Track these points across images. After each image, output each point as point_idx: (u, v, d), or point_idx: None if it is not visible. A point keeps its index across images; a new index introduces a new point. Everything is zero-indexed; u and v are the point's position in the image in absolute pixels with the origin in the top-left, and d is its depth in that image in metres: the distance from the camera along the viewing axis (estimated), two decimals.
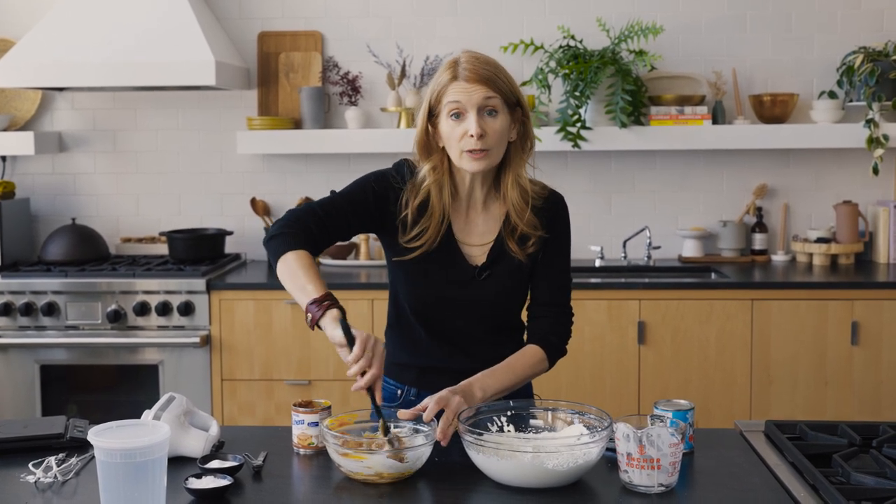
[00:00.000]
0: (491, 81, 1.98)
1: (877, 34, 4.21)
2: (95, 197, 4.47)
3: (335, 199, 2.07)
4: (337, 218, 2.05)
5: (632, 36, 4.03)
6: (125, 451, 1.55)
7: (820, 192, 4.32)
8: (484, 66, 1.99)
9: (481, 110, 1.97)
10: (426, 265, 2.08)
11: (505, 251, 2.09)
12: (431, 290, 2.09)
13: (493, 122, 1.98)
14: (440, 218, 2.06)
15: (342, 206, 2.06)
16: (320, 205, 2.06)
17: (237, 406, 3.84)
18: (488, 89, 1.97)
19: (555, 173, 4.22)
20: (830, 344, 3.72)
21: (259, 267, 4.26)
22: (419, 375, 2.16)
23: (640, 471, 1.70)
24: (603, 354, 3.76)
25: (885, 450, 1.85)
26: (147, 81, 3.92)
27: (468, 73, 1.98)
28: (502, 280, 2.10)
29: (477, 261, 2.10)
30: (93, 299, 3.85)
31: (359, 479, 1.77)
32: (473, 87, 1.97)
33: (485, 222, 2.11)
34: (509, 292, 2.12)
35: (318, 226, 2.03)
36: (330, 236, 2.05)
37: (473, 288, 2.09)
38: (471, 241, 2.11)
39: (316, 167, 4.40)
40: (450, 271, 2.09)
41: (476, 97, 1.96)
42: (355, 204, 2.06)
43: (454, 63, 2.01)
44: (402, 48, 4.28)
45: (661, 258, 4.34)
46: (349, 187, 2.09)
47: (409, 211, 2.05)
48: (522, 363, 2.07)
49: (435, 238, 2.06)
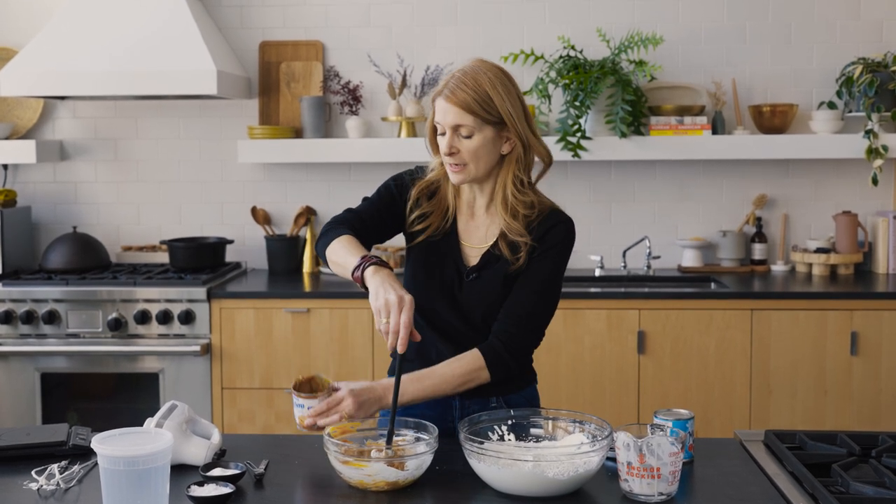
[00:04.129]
0: (466, 105, 2.01)
1: (876, 45, 4.23)
2: (96, 205, 4.48)
3: (367, 204, 2.19)
4: (374, 218, 2.17)
5: (632, 46, 4.05)
6: (128, 459, 1.55)
7: (819, 203, 4.33)
8: (464, 90, 2.01)
9: (454, 131, 2.04)
10: (427, 256, 2.15)
11: (496, 257, 2.12)
12: (427, 281, 2.15)
13: (467, 142, 2.04)
14: (445, 208, 2.15)
15: (375, 207, 2.18)
16: (357, 209, 2.18)
17: (237, 414, 3.84)
18: (462, 112, 2.01)
19: (555, 183, 4.23)
20: (830, 354, 3.72)
21: (259, 275, 4.27)
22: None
23: (640, 480, 1.71)
24: (603, 364, 3.77)
25: (884, 459, 1.86)
26: (148, 90, 3.93)
27: (448, 92, 2.03)
28: (487, 285, 2.12)
29: (470, 262, 2.14)
30: (93, 307, 3.86)
31: (360, 486, 1.78)
32: (448, 109, 2.03)
33: (486, 227, 2.15)
34: (491, 299, 2.12)
35: (360, 224, 2.14)
36: (370, 235, 2.16)
37: (461, 289, 2.13)
38: (471, 242, 2.16)
39: (316, 176, 4.41)
40: (445, 268, 2.14)
41: (449, 119, 2.04)
42: (384, 203, 2.18)
43: (449, 77, 2.06)
44: (403, 58, 4.30)
45: (661, 268, 4.35)
46: (375, 192, 2.21)
47: (418, 194, 2.16)
48: (453, 368, 2.05)
49: (438, 227, 2.14)
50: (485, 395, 2.14)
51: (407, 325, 1.84)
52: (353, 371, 3.79)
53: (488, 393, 2.14)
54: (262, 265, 4.43)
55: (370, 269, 1.93)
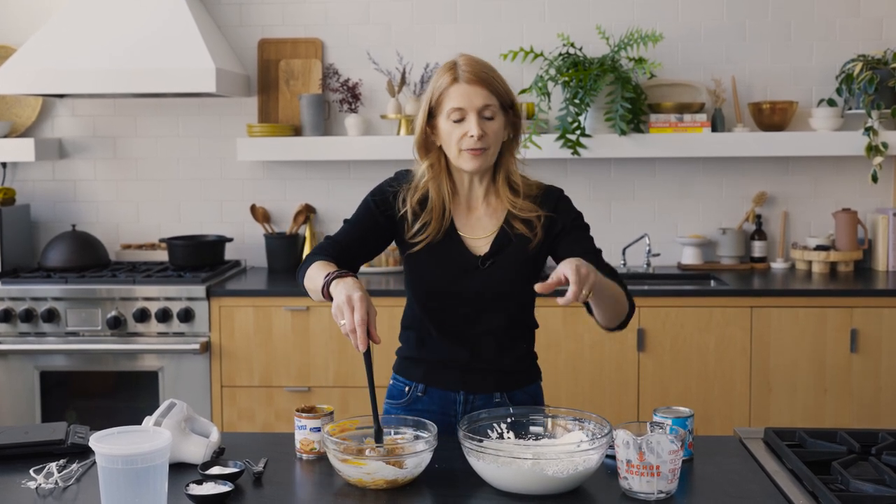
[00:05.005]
0: (489, 84, 2.06)
1: (876, 42, 4.22)
2: (95, 203, 4.47)
3: (348, 227, 2.19)
4: (357, 240, 2.16)
5: (631, 44, 4.04)
6: (126, 458, 1.55)
7: (819, 200, 4.33)
8: (483, 70, 2.07)
9: (481, 113, 2.05)
10: (431, 257, 2.14)
11: (510, 240, 2.13)
12: (437, 281, 2.14)
13: (491, 124, 2.07)
14: (441, 212, 2.13)
15: (356, 229, 2.17)
16: (336, 236, 2.18)
17: (237, 412, 3.84)
18: (488, 93, 2.05)
19: (554, 180, 4.14)
20: (830, 351, 3.72)
21: (259, 273, 4.26)
22: (426, 372, 2.19)
23: (639, 478, 1.71)
24: (602, 361, 3.77)
25: (884, 457, 1.86)
26: (147, 88, 3.93)
27: (469, 75, 2.05)
28: (507, 267, 2.13)
29: (480, 251, 2.14)
30: (93, 306, 3.85)
31: (359, 485, 1.78)
32: (474, 91, 2.04)
33: (487, 217, 2.16)
34: (514, 279, 2.13)
35: (339, 249, 2.13)
36: (354, 257, 2.15)
37: (478, 276, 2.13)
38: (474, 234, 2.16)
39: (316, 174, 4.41)
40: (454, 262, 2.14)
41: (477, 101, 2.04)
42: (364, 222, 2.18)
43: (453, 65, 2.08)
44: (402, 55, 4.29)
45: (661, 265, 4.35)
46: (355, 212, 2.20)
47: (409, 207, 2.14)
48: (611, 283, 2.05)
49: (438, 231, 2.13)
50: (489, 391, 2.16)
51: (361, 322, 1.84)
52: (352, 369, 3.79)
53: (492, 388, 2.16)
54: (262, 263, 4.42)
55: (332, 283, 1.93)
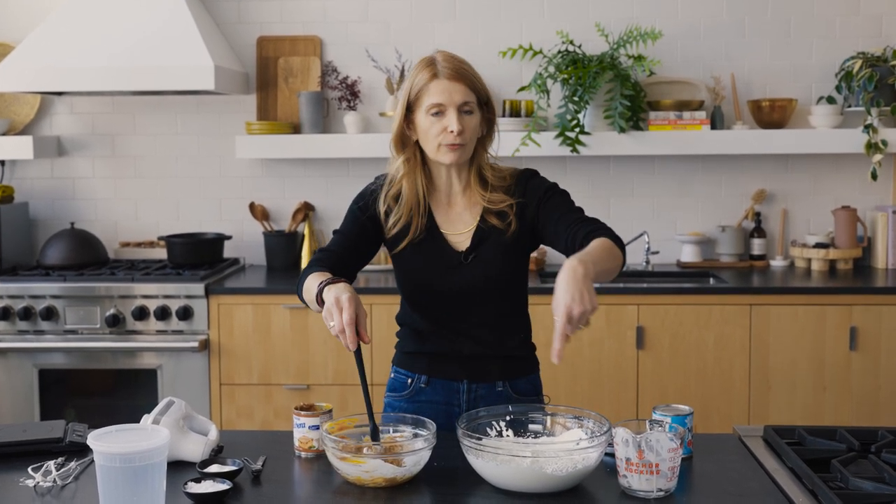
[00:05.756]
0: (469, 81, 2.09)
1: (875, 39, 4.22)
2: (94, 201, 4.47)
3: (339, 237, 2.20)
4: (349, 249, 2.17)
5: (631, 41, 4.03)
6: (124, 456, 1.55)
7: (818, 198, 4.33)
8: (462, 66, 2.10)
9: (460, 108, 2.07)
10: (415, 255, 2.17)
11: (489, 233, 2.15)
12: (422, 277, 2.17)
13: (470, 119, 2.10)
14: (416, 207, 2.15)
15: (347, 238, 2.19)
16: (328, 247, 2.19)
17: (236, 410, 3.84)
18: (468, 89, 2.08)
19: (553, 178, 4.16)
20: (829, 349, 3.72)
21: (258, 271, 4.26)
22: (428, 363, 2.21)
23: (639, 476, 1.70)
24: (601, 359, 3.76)
25: (883, 455, 1.86)
26: (146, 86, 3.92)
27: (449, 71, 2.08)
28: (489, 260, 2.15)
29: (461, 247, 2.16)
30: (91, 304, 3.85)
31: (357, 483, 1.77)
32: (454, 87, 2.07)
33: (466, 212, 2.18)
34: (498, 272, 2.15)
35: (333, 259, 2.13)
36: (349, 266, 2.16)
37: (462, 272, 2.15)
38: (454, 230, 2.18)
39: (315, 172, 4.40)
40: (437, 259, 2.16)
41: (457, 97, 2.07)
42: (353, 230, 2.19)
43: (432, 62, 2.10)
44: (401, 53, 4.28)
45: (660, 263, 4.34)
46: (343, 221, 2.22)
47: (383, 200, 2.16)
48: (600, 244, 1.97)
49: (417, 228, 2.15)
50: (492, 380, 2.18)
51: (350, 322, 1.85)
52: (350, 367, 3.78)
53: (495, 377, 2.18)
54: (261, 261, 4.42)
55: (324, 290, 1.94)
